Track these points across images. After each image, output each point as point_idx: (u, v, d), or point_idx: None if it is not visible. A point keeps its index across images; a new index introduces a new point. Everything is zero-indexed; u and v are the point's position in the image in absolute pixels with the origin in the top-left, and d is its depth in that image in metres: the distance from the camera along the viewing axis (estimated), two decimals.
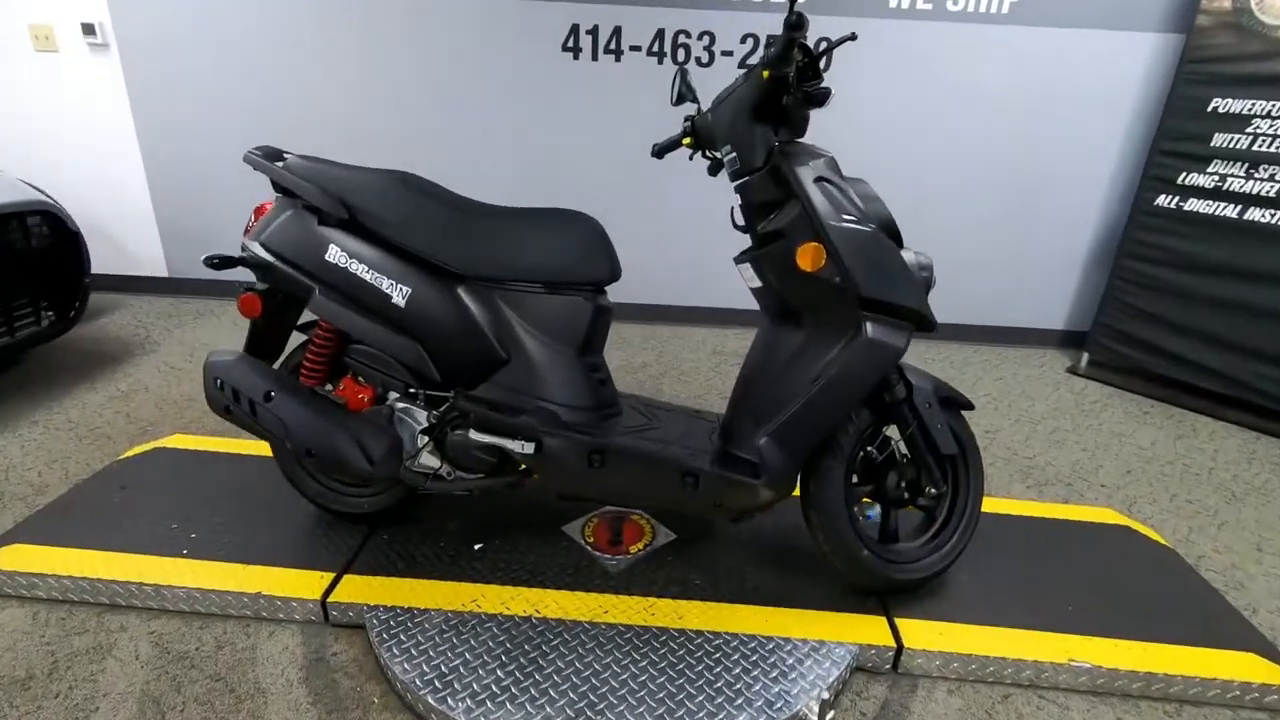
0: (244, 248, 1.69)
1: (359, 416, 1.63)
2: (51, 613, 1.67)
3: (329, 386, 1.76)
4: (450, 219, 1.59)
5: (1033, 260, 3.61)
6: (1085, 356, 3.46)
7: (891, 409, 1.62)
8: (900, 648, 1.58)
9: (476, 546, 1.84)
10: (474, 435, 1.58)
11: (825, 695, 1.46)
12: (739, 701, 1.42)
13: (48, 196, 2.81)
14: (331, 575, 1.71)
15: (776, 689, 1.45)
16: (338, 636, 1.64)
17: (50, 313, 2.88)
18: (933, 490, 1.66)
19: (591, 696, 1.42)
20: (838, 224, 1.45)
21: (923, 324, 1.54)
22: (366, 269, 1.57)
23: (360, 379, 1.73)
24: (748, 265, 1.58)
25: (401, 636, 1.55)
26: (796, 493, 1.65)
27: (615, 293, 3.88)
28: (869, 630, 1.62)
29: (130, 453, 2.26)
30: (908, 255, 1.55)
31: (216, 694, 1.48)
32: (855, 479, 1.70)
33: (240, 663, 1.56)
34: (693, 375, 3.18)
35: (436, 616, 1.61)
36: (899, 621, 1.65)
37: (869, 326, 1.48)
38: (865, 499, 1.73)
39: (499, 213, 1.63)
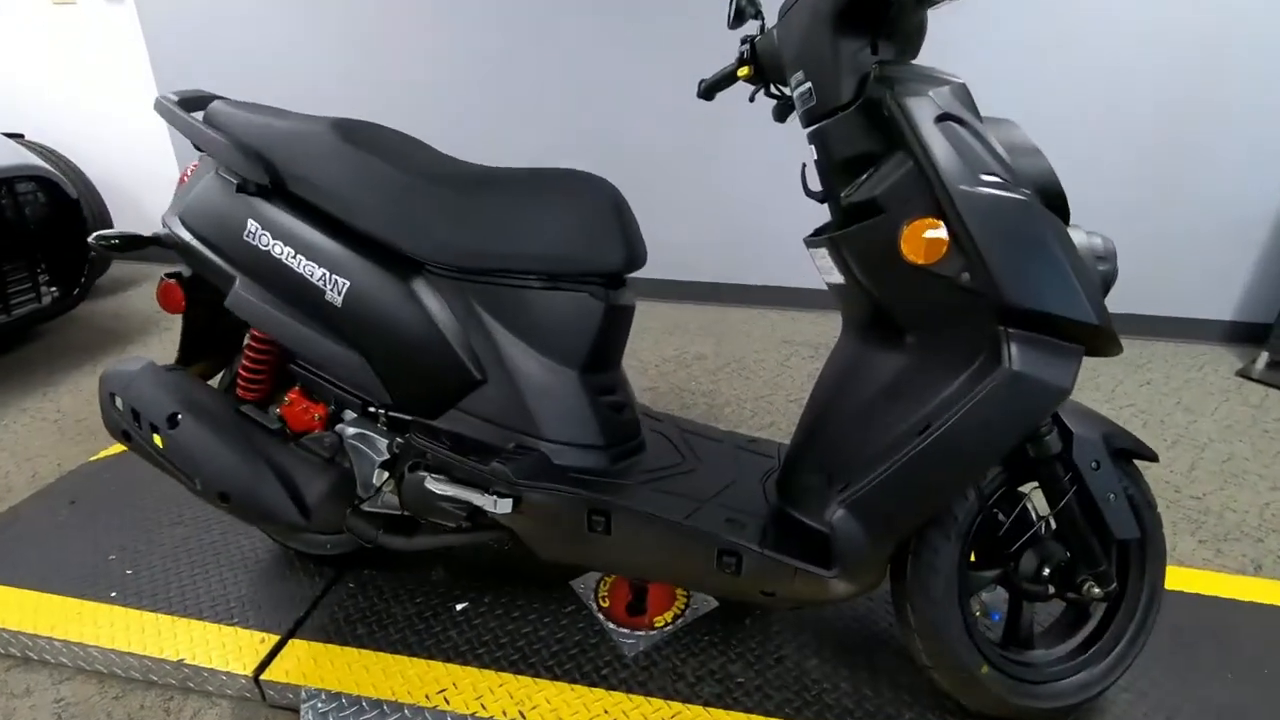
0: (163, 223, 1.31)
1: (293, 448, 1.24)
2: None
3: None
4: (405, 184, 1.15)
5: (1192, 234, 2.87)
6: (1264, 357, 2.72)
7: (1038, 467, 1.09)
8: None
9: (459, 607, 1.45)
10: (431, 483, 1.15)
11: None
12: None
13: (47, 161, 2.57)
14: (275, 640, 1.36)
15: None
16: None
17: (54, 288, 2.66)
18: (1094, 589, 1.12)
19: None
20: (971, 189, 0.92)
21: (1100, 343, 0.99)
22: (293, 253, 1.16)
23: (310, 393, 1.34)
24: (824, 251, 1.07)
25: None
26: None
27: (668, 268, 3.42)
28: None
29: (101, 454, 1.98)
30: (1078, 237, 1.00)
31: None
32: (973, 558, 1.19)
33: None
34: (757, 370, 2.67)
35: (391, 712, 1.22)
36: None
37: (1014, 351, 0.95)
38: (987, 588, 1.21)
39: (475, 175, 1.18)
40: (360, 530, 1.26)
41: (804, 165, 1.14)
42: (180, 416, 1.18)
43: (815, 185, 1.12)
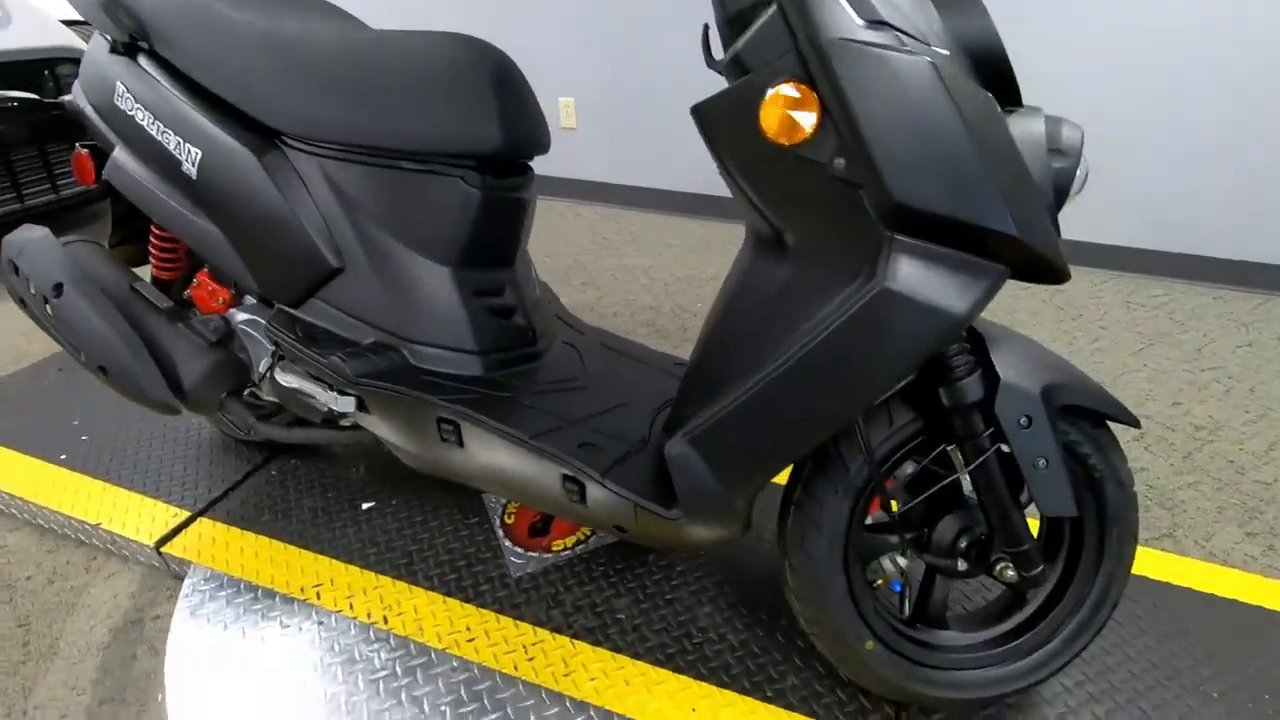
0: (72, 90, 1.28)
1: (181, 329, 1.21)
2: None
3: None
4: (263, 45, 1.03)
5: None
6: None
7: (952, 417, 0.88)
8: None
9: (365, 506, 1.42)
10: (279, 374, 1.09)
11: None
12: None
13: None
14: (185, 516, 1.39)
15: None
16: (172, 594, 1.32)
17: None
18: (1009, 572, 0.92)
19: None
20: (850, 41, 0.69)
21: (1030, 265, 0.76)
22: (152, 119, 1.09)
23: (219, 275, 1.30)
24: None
25: (205, 618, 1.19)
26: None
27: (699, 183, 3.17)
28: None
29: None
30: (1023, 121, 0.75)
31: (7, 645, 1.23)
32: (870, 519, 1.00)
33: (59, 606, 1.30)
34: None
35: (263, 599, 1.22)
36: None
37: (894, 263, 0.74)
38: (896, 553, 1.03)
39: (346, 40, 1.05)
40: (236, 416, 1.24)
41: (705, 26, 0.93)
42: (65, 287, 1.17)
43: (716, 49, 0.91)
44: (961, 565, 0.95)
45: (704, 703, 1.05)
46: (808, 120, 0.72)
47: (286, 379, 1.09)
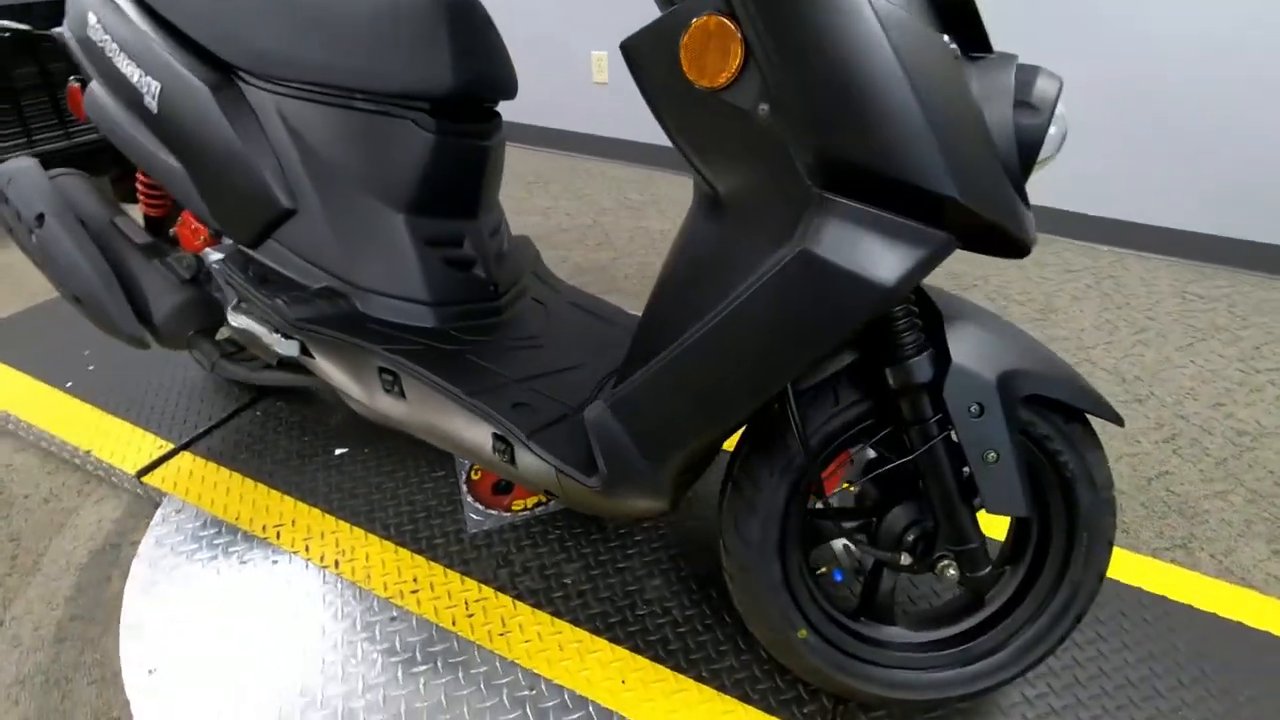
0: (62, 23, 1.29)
1: (156, 265, 1.22)
2: None
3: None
4: None
5: None
6: None
7: (898, 399, 0.80)
8: None
9: (338, 452, 1.43)
10: (231, 315, 1.09)
11: None
12: None
13: None
14: (168, 448, 1.43)
15: None
16: (151, 522, 1.37)
17: None
18: (950, 570, 0.84)
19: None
20: None
21: (977, 232, 0.67)
22: (118, 49, 1.08)
23: None
24: None
25: (169, 547, 1.23)
26: None
27: None
28: None
29: None
30: (985, 72, 0.66)
31: None
32: (822, 503, 0.94)
33: (49, 525, 1.36)
34: None
35: (225, 534, 1.25)
36: None
37: (816, 223, 0.66)
38: (846, 539, 0.96)
39: None
40: (201, 353, 1.25)
41: None
42: (47, 218, 1.19)
43: None
44: (905, 559, 0.88)
45: (635, 675, 1.03)
46: (730, 60, 0.65)
47: (238, 319, 1.09)
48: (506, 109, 3.37)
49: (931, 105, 0.61)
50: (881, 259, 0.65)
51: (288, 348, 1.04)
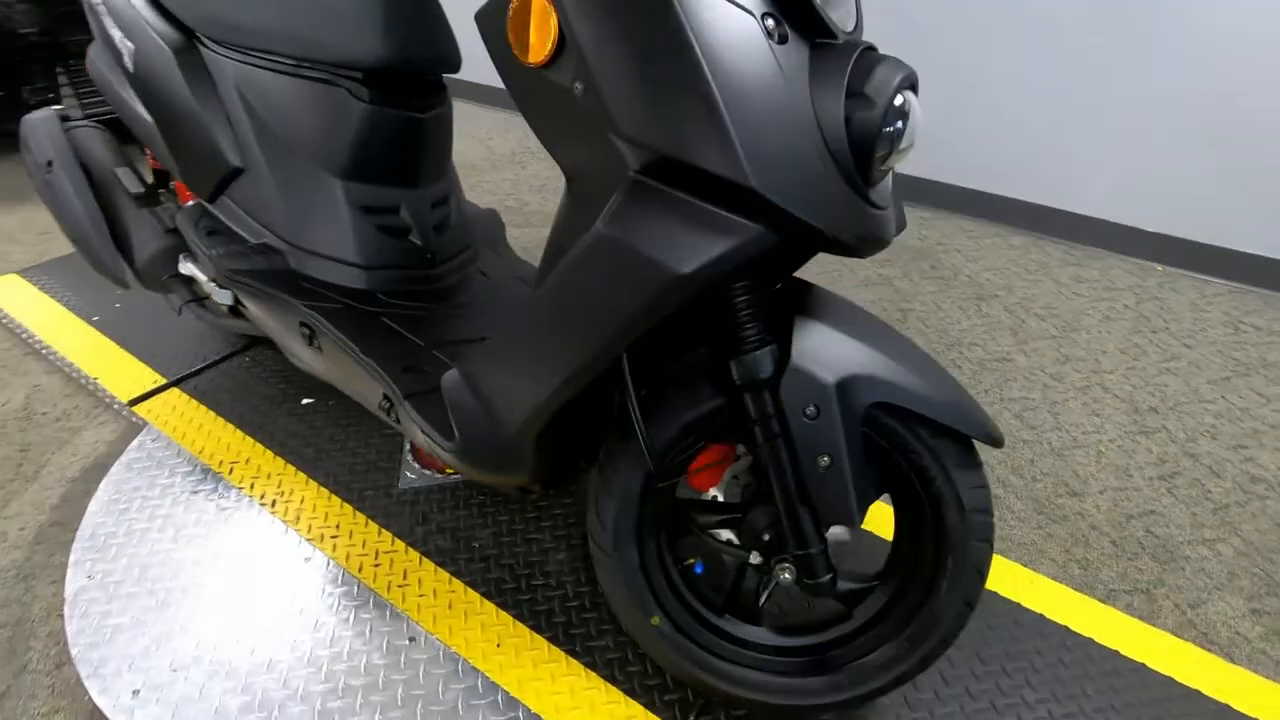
0: None
1: (145, 214, 1.34)
2: None
3: None
4: None
5: None
6: None
7: (743, 394, 0.79)
8: None
9: (305, 401, 1.52)
10: (182, 263, 1.18)
11: None
12: None
13: None
14: (161, 382, 1.56)
15: None
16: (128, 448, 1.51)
17: None
18: (786, 575, 0.82)
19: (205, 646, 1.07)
20: None
21: (791, 228, 0.64)
22: (106, 11, 1.18)
23: None
24: None
25: (136, 470, 1.35)
26: None
27: None
28: None
29: None
30: (816, 59, 0.64)
31: (7, 465, 1.47)
32: (705, 495, 0.93)
33: (55, 441, 1.52)
34: None
35: (188, 464, 1.36)
36: None
37: (616, 206, 0.66)
38: (706, 533, 0.95)
39: None
40: (173, 296, 1.35)
41: None
42: (54, 164, 1.33)
43: None
44: (756, 558, 0.87)
45: (511, 641, 1.06)
46: (546, 39, 0.65)
47: (185, 267, 1.18)
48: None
49: (730, 90, 0.59)
50: (681, 246, 0.64)
51: (223, 296, 1.12)
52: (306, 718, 0.95)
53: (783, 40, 0.63)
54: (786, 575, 0.83)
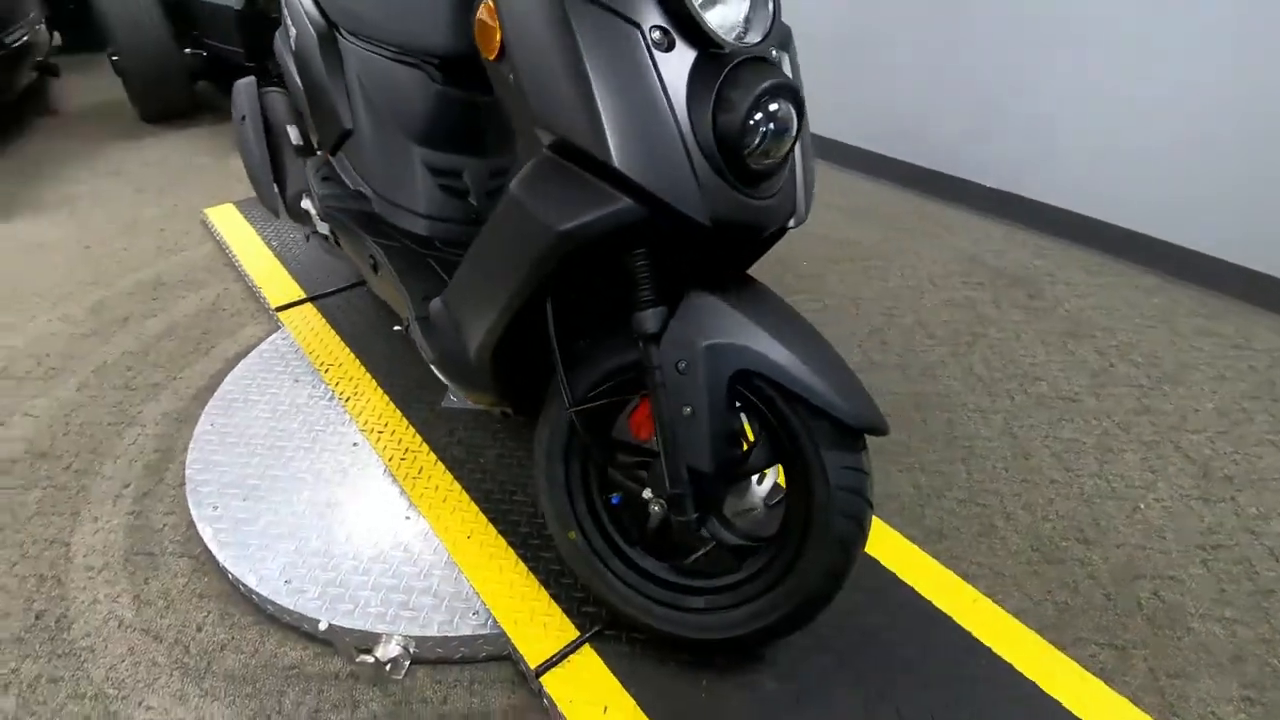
0: None
1: (299, 163, 1.72)
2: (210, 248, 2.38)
3: None
4: None
5: None
6: None
7: (638, 344, 0.92)
8: (539, 671, 1.07)
9: (395, 328, 1.84)
10: (303, 200, 1.51)
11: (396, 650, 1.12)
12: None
13: None
14: (302, 296, 1.97)
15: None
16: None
17: None
18: (654, 507, 0.94)
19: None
20: None
21: (665, 208, 0.77)
22: (285, 4, 1.54)
23: None
24: None
25: (266, 360, 1.74)
26: None
27: (880, 134, 2.85)
28: (544, 630, 1.12)
29: None
30: (697, 66, 0.76)
31: (186, 341, 1.95)
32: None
33: (227, 330, 1.99)
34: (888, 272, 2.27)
35: (296, 361, 1.73)
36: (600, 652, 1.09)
37: (526, 171, 0.83)
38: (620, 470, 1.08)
39: None
40: (306, 228, 1.72)
41: None
42: (244, 119, 1.74)
43: None
44: (647, 494, 1.00)
45: (479, 536, 1.27)
46: (494, 40, 0.84)
47: (305, 204, 1.52)
48: None
49: (606, 88, 0.74)
50: (562, 209, 0.80)
51: (323, 228, 1.44)
52: (318, 532, 1.24)
53: (669, 49, 0.76)
54: (656, 509, 0.95)
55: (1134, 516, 1.45)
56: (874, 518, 1.34)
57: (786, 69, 0.88)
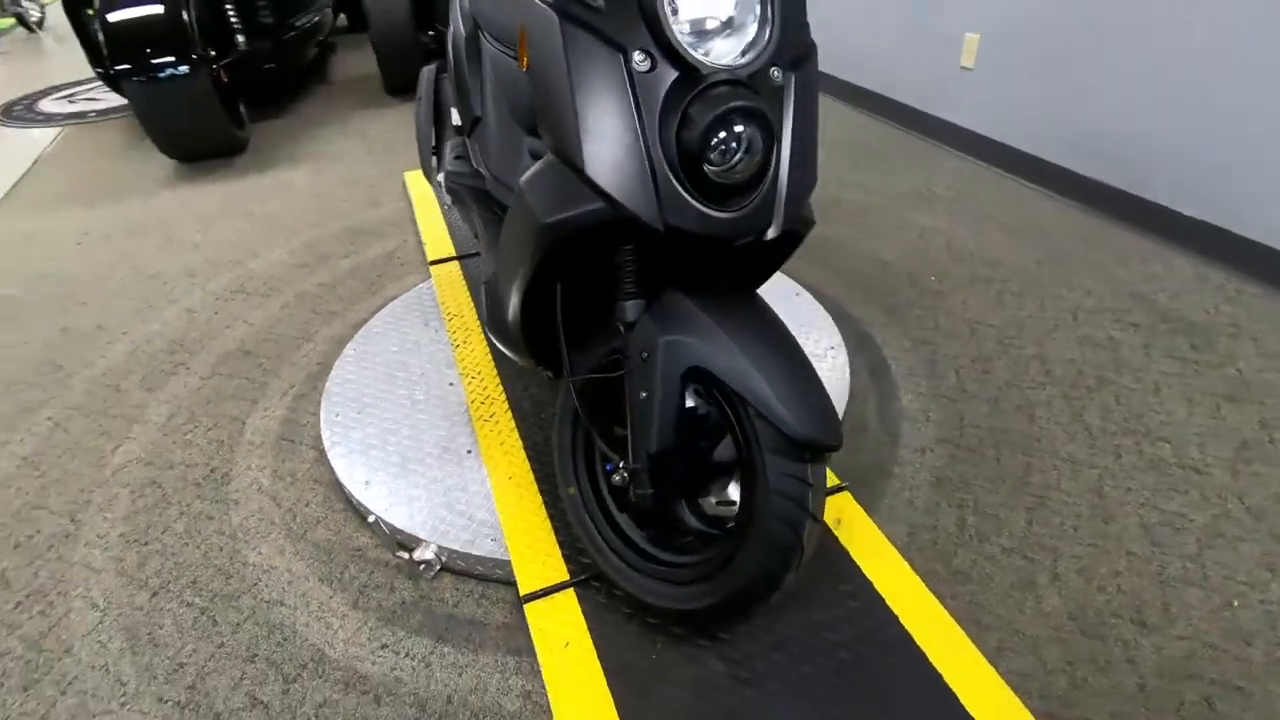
0: None
1: (456, 139, 2.01)
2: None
3: None
4: None
5: None
6: None
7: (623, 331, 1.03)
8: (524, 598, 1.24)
9: None
10: (437, 173, 1.78)
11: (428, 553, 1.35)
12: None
13: None
14: (450, 255, 2.30)
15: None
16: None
17: None
18: (615, 478, 1.03)
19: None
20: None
21: (627, 217, 0.87)
22: (452, 6, 1.81)
23: None
24: None
25: (406, 307, 2.09)
26: None
27: (1075, 153, 2.51)
28: (541, 565, 1.29)
29: None
30: (672, 90, 0.85)
31: (365, 281, 2.37)
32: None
33: (395, 276, 2.38)
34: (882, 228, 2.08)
35: (430, 309, 2.05)
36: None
37: (533, 169, 0.96)
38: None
39: None
40: (435, 185, 2.00)
41: None
42: (421, 99, 2.07)
43: None
44: (623, 466, 1.11)
45: (519, 478, 1.46)
46: (524, 55, 0.98)
47: (439, 177, 1.79)
48: (857, 73, 3.44)
49: (587, 106, 0.85)
50: (550, 204, 0.92)
51: (445, 199, 1.70)
52: (399, 448, 1.51)
53: (651, 70, 0.85)
54: (616, 478, 1.06)
55: (1220, 613, 1.26)
56: (887, 540, 1.34)
57: (787, 90, 0.92)
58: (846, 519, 1.37)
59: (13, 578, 1.45)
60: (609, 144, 0.86)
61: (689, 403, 1.00)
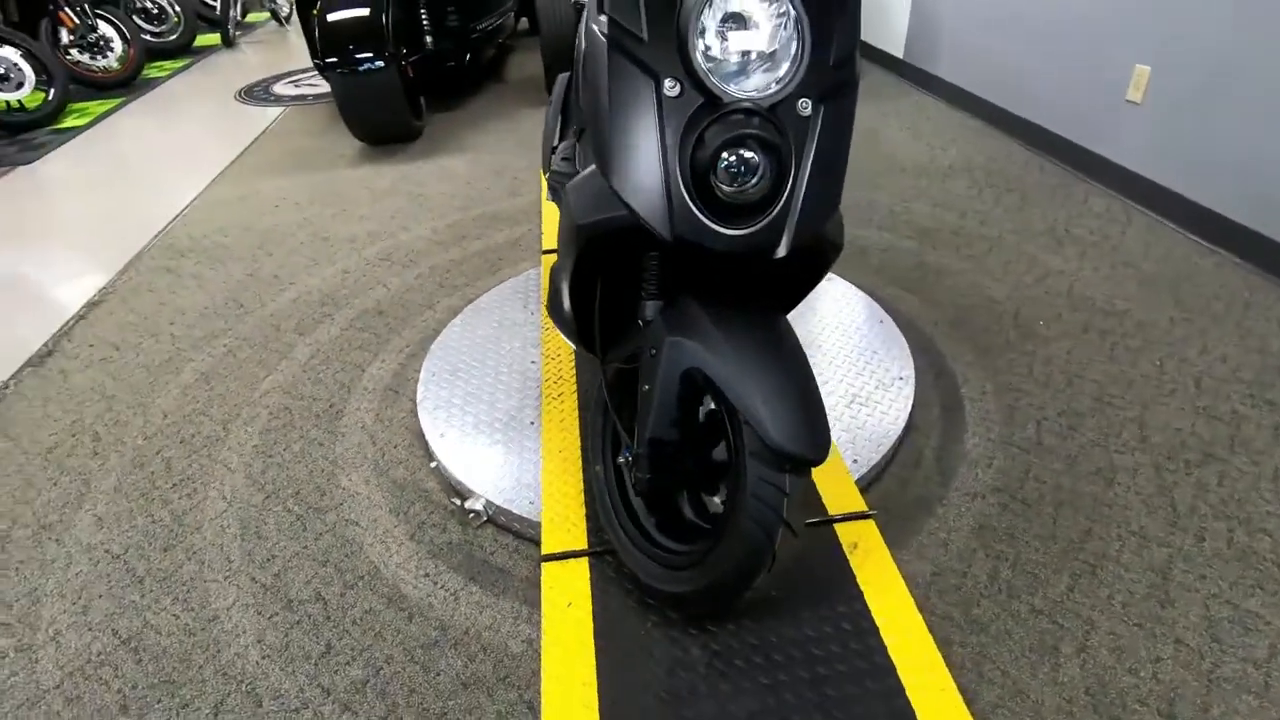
0: None
1: (574, 142, 2.20)
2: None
3: None
4: None
5: None
6: None
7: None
8: (544, 558, 1.37)
9: None
10: (550, 167, 1.96)
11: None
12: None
13: None
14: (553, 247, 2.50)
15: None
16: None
17: None
18: (620, 458, 1.13)
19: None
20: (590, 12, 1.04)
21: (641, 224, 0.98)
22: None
23: None
24: None
25: (508, 292, 2.31)
26: None
27: (1243, 204, 2.20)
28: (566, 532, 1.42)
29: None
30: (694, 118, 0.94)
31: (487, 264, 2.63)
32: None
33: (512, 261, 2.63)
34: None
35: (533, 292, 2.26)
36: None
37: (582, 174, 1.09)
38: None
39: None
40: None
41: None
42: (553, 102, 2.28)
43: None
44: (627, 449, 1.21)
45: (567, 451, 1.61)
46: (579, 67, 1.10)
47: (550, 174, 1.97)
48: (1005, 94, 3.23)
49: (618, 125, 0.96)
50: (586, 208, 1.04)
51: (547, 193, 1.87)
52: (475, 412, 1.71)
53: (680, 95, 0.95)
54: (620, 461, 1.15)
55: None
56: (898, 573, 1.33)
57: (814, 120, 0.97)
58: (864, 545, 1.37)
59: (174, 465, 1.81)
60: (634, 158, 0.96)
61: (696, 402, 1.09)
